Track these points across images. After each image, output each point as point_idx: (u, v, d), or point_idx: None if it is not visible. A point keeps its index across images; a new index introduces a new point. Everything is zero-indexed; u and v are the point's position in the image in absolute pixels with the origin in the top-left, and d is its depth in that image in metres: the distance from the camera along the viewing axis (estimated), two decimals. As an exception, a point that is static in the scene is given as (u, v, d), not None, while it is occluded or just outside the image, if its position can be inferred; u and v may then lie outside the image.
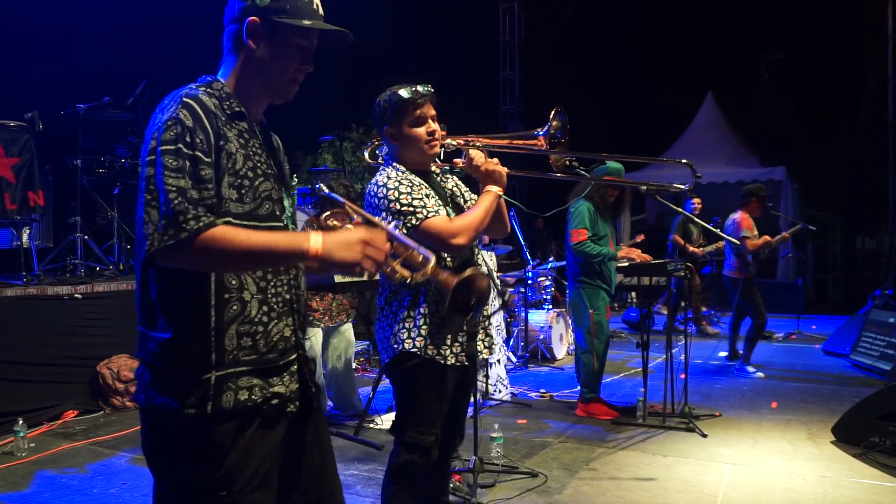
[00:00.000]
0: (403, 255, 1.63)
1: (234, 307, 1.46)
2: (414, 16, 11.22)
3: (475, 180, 2.42)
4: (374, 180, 2.36)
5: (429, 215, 2.25)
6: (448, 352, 2.33)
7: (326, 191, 1.74)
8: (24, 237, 5.36)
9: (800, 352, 7.58)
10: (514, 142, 2.17)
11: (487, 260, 5.42)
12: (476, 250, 2.53)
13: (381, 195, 2.29)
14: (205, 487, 1.45)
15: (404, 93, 2.30)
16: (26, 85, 6.59)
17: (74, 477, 3.70)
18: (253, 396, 1.48)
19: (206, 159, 1.40)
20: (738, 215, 6.28)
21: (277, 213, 1.54)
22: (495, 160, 2.37)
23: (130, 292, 5.41)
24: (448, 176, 2.57)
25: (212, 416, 1.43)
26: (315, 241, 1.40)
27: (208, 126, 1.42)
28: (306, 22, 1.51)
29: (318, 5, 1.57)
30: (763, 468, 3.77)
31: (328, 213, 1.67)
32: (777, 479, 3.59)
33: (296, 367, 1.59)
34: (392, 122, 2.33)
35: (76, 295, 5.02)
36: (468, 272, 1.88)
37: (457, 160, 2.44)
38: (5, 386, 4.48)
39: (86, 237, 5.82)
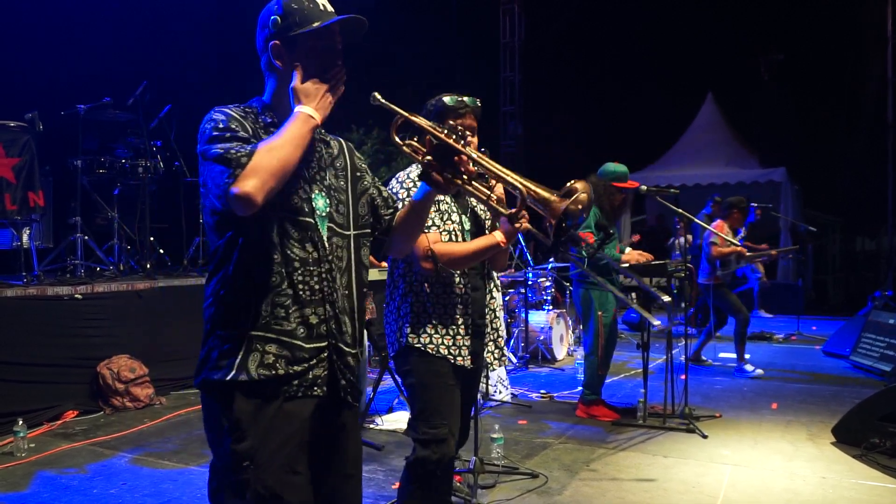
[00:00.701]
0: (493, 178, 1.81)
1: (275, 279, 1.59)
2: (414, 17, 11.21)
3: None
4: (404, 170, 2.46)
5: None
6: (456, 351, 2.37)
7: (381, 99, 1.75)
8: (25, 237, 5.36)
9: (800, 353, 7.58)
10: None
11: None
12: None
13: (398, 188, 2.39)
14: (231, 457, 1.55)
15: (448, 100, 2.41)
16: (26, 85, 6.58)
17: (74, 477, 3.70)
18: (277, 365, 1.58)
19: (246, 134, 1.56)
20: (715, 224, 6.46)
21: (306, 209, 1.65)
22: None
23: (131, 293, 5.41)
24: None
25: (234, 383, 1.55)
26: (305, 109, 1.57)
27: (242, 121, 1.59)
28: (315, 24, 1.61)
29: (324, 5, 1.66)
30: (763, 469, 3.77)
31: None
32: (777, 480, 3.59)
33: (326, 354, 1.66)
34: None
35: (76, 295, 5.02)
36: (571, 198, 1.85)
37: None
38: (5, 386, 4.48)
39: (86, 237, 5.82)
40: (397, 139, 1.78)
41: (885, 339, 6.39)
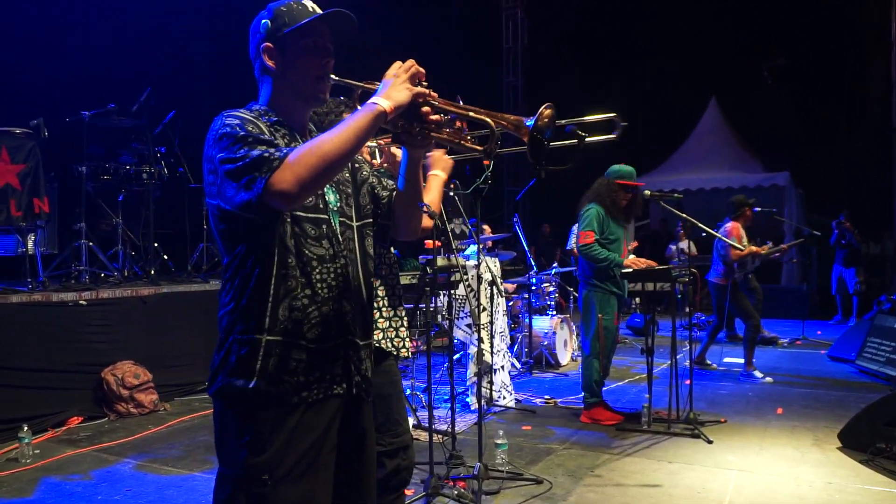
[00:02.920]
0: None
1: (290, 283, 1.59)
2: (416, 22, 11.24)
3: None
4: None
5: None
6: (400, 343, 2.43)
7: (335, 77, 1.69)
8: (30, 244, 5.38)
9: (805, 357, 7.55)
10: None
11: (491, 266, 5.42)
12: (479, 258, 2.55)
13: None
14: (248, 470, 1.53)
15: None
16: (31, 92, 6.62)
17: (79, 483, 3.70)
18: (298, 370, 1.57)
19: (265, 136, 1.55)
20: (728, 224, 6.46)
21: (321, 206, 1.67)
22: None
23: (135, 299, 5.43)
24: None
25: (256, 392, 1.53)
26: (380, 101, 1.56)
27: (257, 123, 1.59)
28: (304, 20, 1.65)
29: (313, 8, 1.69)
30: (769, 474, 3.76)
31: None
32: (783, 486, 3.58)
33: (342, 351, 1.67)
34: None
35: (81, 301, 5.03)
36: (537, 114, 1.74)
37: (375, 161, 2.46)
38: (10, 392, 4.49)
39: (91, 244, 5.83)
40: None
41: (891, 343, 6.36)
